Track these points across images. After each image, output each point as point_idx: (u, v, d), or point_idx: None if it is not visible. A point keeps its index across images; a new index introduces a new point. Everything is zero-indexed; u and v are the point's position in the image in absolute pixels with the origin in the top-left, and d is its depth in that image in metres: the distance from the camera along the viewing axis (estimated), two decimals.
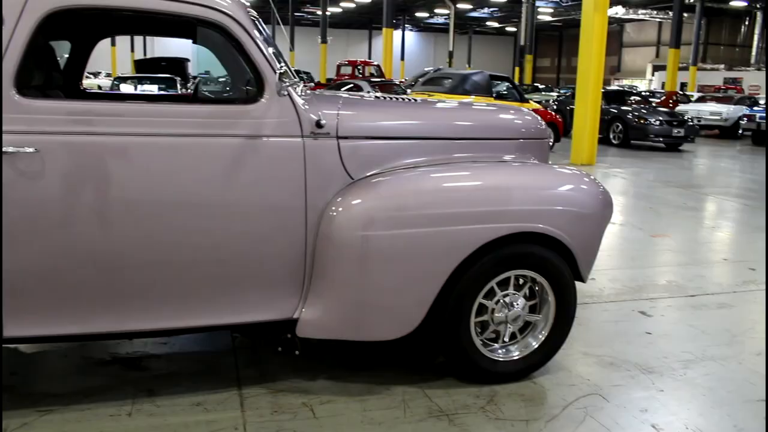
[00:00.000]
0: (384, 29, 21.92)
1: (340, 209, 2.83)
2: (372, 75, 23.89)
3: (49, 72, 3.38)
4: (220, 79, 39.39)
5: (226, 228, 2.73)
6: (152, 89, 14.69)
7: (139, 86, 15.09)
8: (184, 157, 2.66)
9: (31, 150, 2.49)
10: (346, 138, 2.91)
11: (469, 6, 43.23)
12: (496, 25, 54.11)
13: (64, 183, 2.55)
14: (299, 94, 2.86)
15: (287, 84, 2.71)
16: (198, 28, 3.51)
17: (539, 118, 3.67)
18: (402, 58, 47.58)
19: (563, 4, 41.66)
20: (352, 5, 44.61)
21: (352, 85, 16.08)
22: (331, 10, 39.09)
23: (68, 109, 2.57)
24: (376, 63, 25.42)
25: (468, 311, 3.03)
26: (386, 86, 16.73)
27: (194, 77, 23.55)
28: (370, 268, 2.83)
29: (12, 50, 2.49)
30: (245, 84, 3.22)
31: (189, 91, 16.92)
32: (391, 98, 3.48)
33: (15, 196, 2.51)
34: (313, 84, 23.76)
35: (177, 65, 19.50)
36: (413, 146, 3.10)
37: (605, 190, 3.35)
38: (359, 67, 25.00)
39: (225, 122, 2.70)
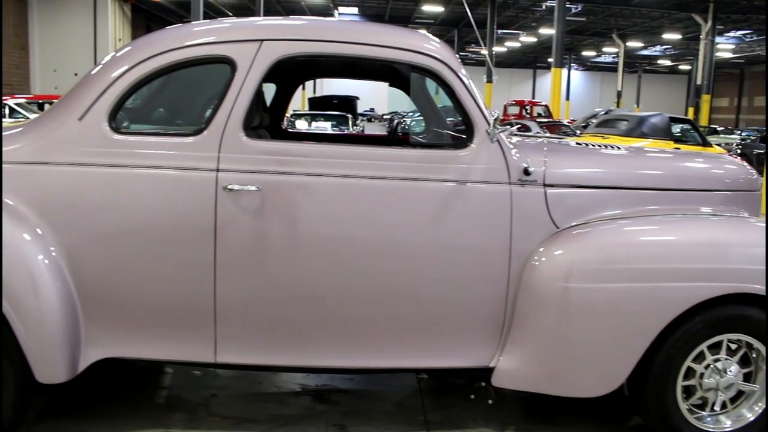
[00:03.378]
0: (553, 69, 21.60)
1: (543, 259, 2.76)
2: (539, 115, 23.61)
3: (260, 113, 3.61)
4: (385, 117, 40.57)
5: (428, 271, 2.74)
6: (326, 126, 15.36)
7: (313, 123, 15.84)
8: (391, 199, 2.71)
9: (253, 188, 2.65)
10: (552, 186, 2.84)
11: (640, 44, 41.67)
12: (668, 63, 51.73)
13: (279, 220, 2.69)
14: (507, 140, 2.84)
15: (500, 131, 2.70)
16: (397, 71, 3.63)
17: (748, 167, 3.41)
18: (567, 98, 46.66)
19: (746, 39, 39.05)
20: (517, 44, 44.52)
21: (520, 125, 15.94)
22: (496, 49, 39.29)
23: (288, 150, 2.72)
24: (543, 103, 25.12)
25: (675, 374, 2.82)
26: (554, 127, 16.44)
27: (361, 114, 24.37)
28: (572, 322, 2.73)
29: (243, 95, 2.68)
30: (443, 127, 3.26)
31: (359, 128, 17.54)
32: (594, 145, 3.38)
33: (236, 230, 2.67)
34: None
35: (347, 103, 20.31)
36: (618, 196, 2.97)
37: None
38: (527, 107, 24.80)
39: (434, 167, 2.73)
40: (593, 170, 2.99)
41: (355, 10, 35.05)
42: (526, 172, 2.79)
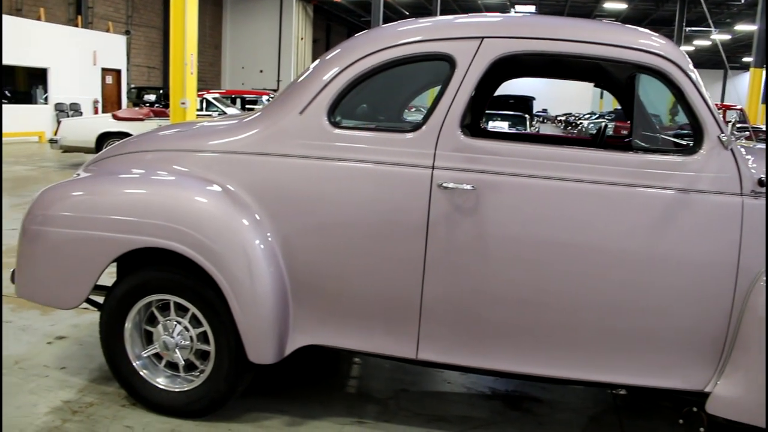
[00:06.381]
0: (751, 69, 19.94)
1: None
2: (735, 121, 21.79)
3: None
4: (559, 118, 39.23)
5: (645, 283, 2.58)
6: (503, 126, 15.19)
7: (490, 122, 15.71)
8: (609, 205, 2.58)
9: (468, 187, 2.63)
10: None
11: None
12: None
13: (491, 221, 2.64)
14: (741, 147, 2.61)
15: (737, 138, 2.49)
16: (605, 71, 3.46)
17: None
18: (764, 102, 42.79)
19: None
20: (707, 43, 41.59)
21: None
22: (684, 48, 36.98)
23: (505, 150, 2.66)
24: (739, 107, 23.20)
25: None
26: (753, 135, 15.10)
27: (535, 115, 23.81)
28: None
29: (462, 92, 2.67)
30: (654, 131, 3.06)
31: (535, 129, 17.16)
32: None
33: (448, 228, 2.66)
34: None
35: (523, 103, 19.94)
36: None
37: None
38: (720, 111, 23.00)
39: (657, 174, 2.57)
40: None
41: (532, 8, 34.38)
42: (761, 183, 2.54)
